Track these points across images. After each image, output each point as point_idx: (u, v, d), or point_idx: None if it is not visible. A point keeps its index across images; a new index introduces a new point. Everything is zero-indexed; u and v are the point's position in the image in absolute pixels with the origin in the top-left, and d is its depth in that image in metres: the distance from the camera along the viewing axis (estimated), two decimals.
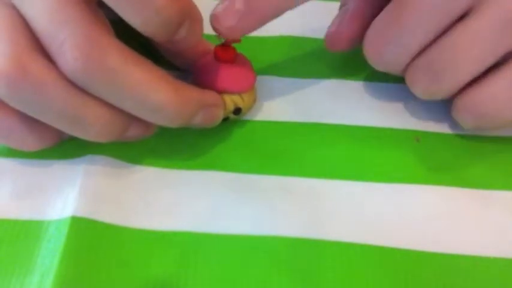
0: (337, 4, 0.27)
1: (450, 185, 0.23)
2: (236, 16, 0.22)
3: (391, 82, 0.27)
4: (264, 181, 0.23)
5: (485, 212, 0.22)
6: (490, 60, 0.22)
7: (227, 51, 0.23)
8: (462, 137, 0.25)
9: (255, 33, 0.24)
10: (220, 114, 0.23)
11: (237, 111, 0.24)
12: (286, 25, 0.30)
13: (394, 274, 0.20)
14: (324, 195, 0.22)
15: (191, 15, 0.20)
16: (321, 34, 0.27)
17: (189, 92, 0.21)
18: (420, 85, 0.23)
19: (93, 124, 0.20)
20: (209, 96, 0.22)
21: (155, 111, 0.20)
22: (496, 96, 0.22)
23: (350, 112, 0.26)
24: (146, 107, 0.20)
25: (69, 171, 0.23)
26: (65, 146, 0.23)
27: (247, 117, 0.26)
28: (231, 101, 0.24)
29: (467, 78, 0.22)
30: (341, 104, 0.26)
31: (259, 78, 0.26)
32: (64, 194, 0.22)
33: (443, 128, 0.25)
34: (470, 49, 0.21)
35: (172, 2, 0.19)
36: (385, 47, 0.23)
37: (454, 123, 0.25)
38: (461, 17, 0.22)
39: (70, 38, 0.19)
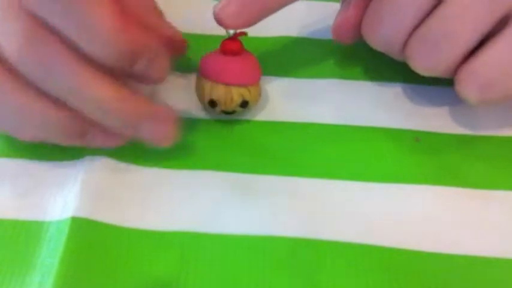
0: (337, 4, 0.27)
1: (450, 185, 0.23)
2: (240, 4, 0.22)
3: (391, 82, 0.27)
4: (264, 181, 0.23)
5: (485, 212, 0.22)
6: (487, 26, 0.22)
7: (234, 44, 0.24)
8: (462, 137, 0.25)
9: (256, 34, 0.25)
10: (172, 134, 0.22)
11: (244, 104, 0.24)
12: (285, 26, 0.30)
13: (393, 274, 0.20)
14: (323, 195, 0.22)
15: (149, 49, 0.21)
16: (320, 35, 0.27)
17: (135, 98, 0.21)
18: (419, 58, 0.23)
19: (51, 122, 0.21)
20: (161, 111, 0.22)
21: (97, 107, 0.20)
22: (499, 61, 0.22)
23: (350, 112, 0.26)
24: (88, 101, 0.20)
25: (69, 172, 0.23)
26: (65, 147, 0.23)
27: (248, 116, 0.26)
28: (239, 93, 0.24)
29: (466, 46, 0.22)
30: (341, 103, 0.26)
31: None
32: (64, 195, 0.22)
33: (443, 128, 0.25)
34: (465, 16, 0.21)
35: (119, 36, 0.19)
36: (381, 25, 0.23)
37: (454, 123, 0.25)
38: None
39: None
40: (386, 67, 0.27)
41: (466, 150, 0.24)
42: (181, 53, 0.27)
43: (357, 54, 0.28)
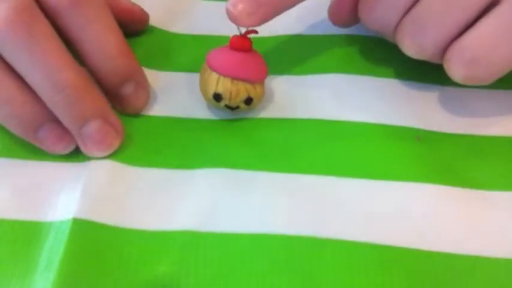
0: None
1: (450, 184, 0.23)
2: (255, 3, 0.22)
3: (394, 78, 0.27)
4: (264, 178, 0.23)
5: (485, 212, 0.22)
6: (475, 8, 0.22)
7: (244, 41, 0.24)
8: (463, 136, 0.25)
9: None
10: (117, 145, 0.24)
11: (249, 100, 0.24)
12: (286, 24, 0.29)
13: (394, 272, 0.20)
14: (324, 193, 0.22)
15: (139, 76, 0.25)
16: (322, 30, 0.27)
17: (97, 93, 0.23)
18: (407, 39, 0.24)
19: (4, 103, 0.22)
20: (115, 118, 0.24)
21: (58, 90, 0.22)
22: (485, 38, 0.22)
23: (351, 109, 0.26)
24: (51, 82, 0.21)
25: (71, 173, 0.23)
26: None
27: (249, 115, 0.26)
28: (245, 89, 0.24)
29: (453, 28, 0.22)
30: (341, 100, 0.26)
31: None
32: (66, 196, 0.22)
33: (444, 127, 0.25)
34: None
35: (121, 56, 0.24)
36: (376, 5, 0.24)
37: (455, 123, 0.25)
38: None
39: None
40: (389, 64, 0.27)
41: (467, 150, 0.24)
42: (141, 26, 0.30)
43: (357, 51, 0.28)
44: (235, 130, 0.25)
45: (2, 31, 0.21)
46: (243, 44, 0.24)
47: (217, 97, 0.24)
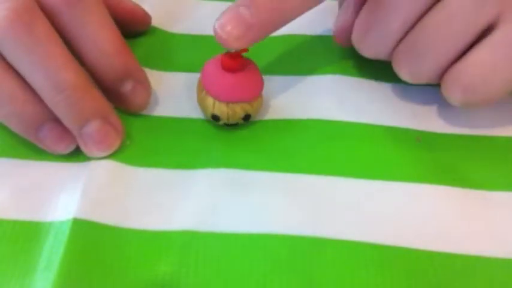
0: (335, 1, 0.27)
1: (450, 185, 0.23)
2: (245, 27, 0.21)
3: (392, 81, 0.27)
4: (264, 178, 0.23)
5: (485, 212, 0.22)
6: (470, 35, 0.22)
7: (235, 60, 0.23)
8: (462, 137, 0.25)
9: None
10: (117, 145, 0.24)
11: (247, 117, 0.24)
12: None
13: (394, 272, 0.20)
14: (323, 193, 0.22)
15: (137, 73, 0.25)
16: (318, 31, 0.27)
17: (97, 93, 0.23)
18: (404, 67, 0.24)
19: (6, 102, 0.22)
20: (115, 118, 0.24)
21: (59, 90, 0.22)
22: (480, 64, 0.22)
23: (351, 110, 0.26)
24: (51, 83, 0.22)
25: (71, 174, 0.23)
26: None
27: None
28: (241, 108, 0.24)
29: (449, 55, 0.23)
30: (341, 101, 0.26)
31: None
32: (66, 196, 0.22)
33: (444, 129, 0.25)
34: (449, 26, 0.22)
35: (117, 53, 0.24)
36: (369, 33, 0.24)
37: (455, 124, 0.25)
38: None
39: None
40: (389, 65, 0.27)
41: (467, 150, 0.24)
42: (143, 27, 0.30)
43: (357, 52, 0.28)
44: (234, 130, 0.25)
45: (3, 31, 0.21)
46: (233, 66, 0.23)
47: (216, 118, 0.24)
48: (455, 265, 0.20)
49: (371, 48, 0.25)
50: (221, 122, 0.24)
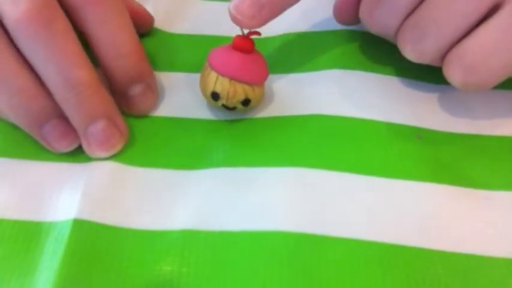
0: None
1: (451, 183, 0.23)
2: (257, 5, 0.22)
3: (394, 76, 0.27)
4: (265, 175, 0.23)
5: (485, 212, 0.22)
6: (475, 15, 0.22)
7: (246, 41, 0.24)
8: (463, 136, 0.25)
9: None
10: (120, 147, 0.24)
11: (246, 102, 0.24)
12: (286, 22, 0.29)
13: (395, 270, 0.20)
14: (324, 190, 0.22)
15: (149, 78, 0.25)
16: (320, 28, 0.27)
17: (106, 94, 0.23)
18: (408, 44, 0.24)
19: (15, 93, 0.22)
20: (121, 120, 0.24)
21: (70, 87, 0.22)
22: (484, 44, 0.22)
23: (352, 105, 0.26)
24: (64, 79, 0.22)
25: (71, 174, 0.23)
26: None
27: (249, 114, 0.26)
28: (243, 90, 0.24)
29: (453, 34, 0.23)
30: (342, 97, 0.26)
31: None
32: (66, 197, 0.22)
33: (445, 127, 0.25)
34: (454, 5, 0.22)
35: (133, 55, 0.24)
36: (377, 8, 0.24)
37: (456, 122, 0.25)
38: None
39: None
40: (391, 61, 0.27)
41: (468, 149, 0.24)
42: (146, 28, 0.30)
43: (358, 47, 0.28)
44: (235, 130, 0.25)
45: (22, 25, 0.21)
46: (245, 44, 0.24)
47: (215, 96, 0.24)
48: (456, 264, 0.20)
49: (379, 23, 0.25)
50: (220, 103, 0.24)
